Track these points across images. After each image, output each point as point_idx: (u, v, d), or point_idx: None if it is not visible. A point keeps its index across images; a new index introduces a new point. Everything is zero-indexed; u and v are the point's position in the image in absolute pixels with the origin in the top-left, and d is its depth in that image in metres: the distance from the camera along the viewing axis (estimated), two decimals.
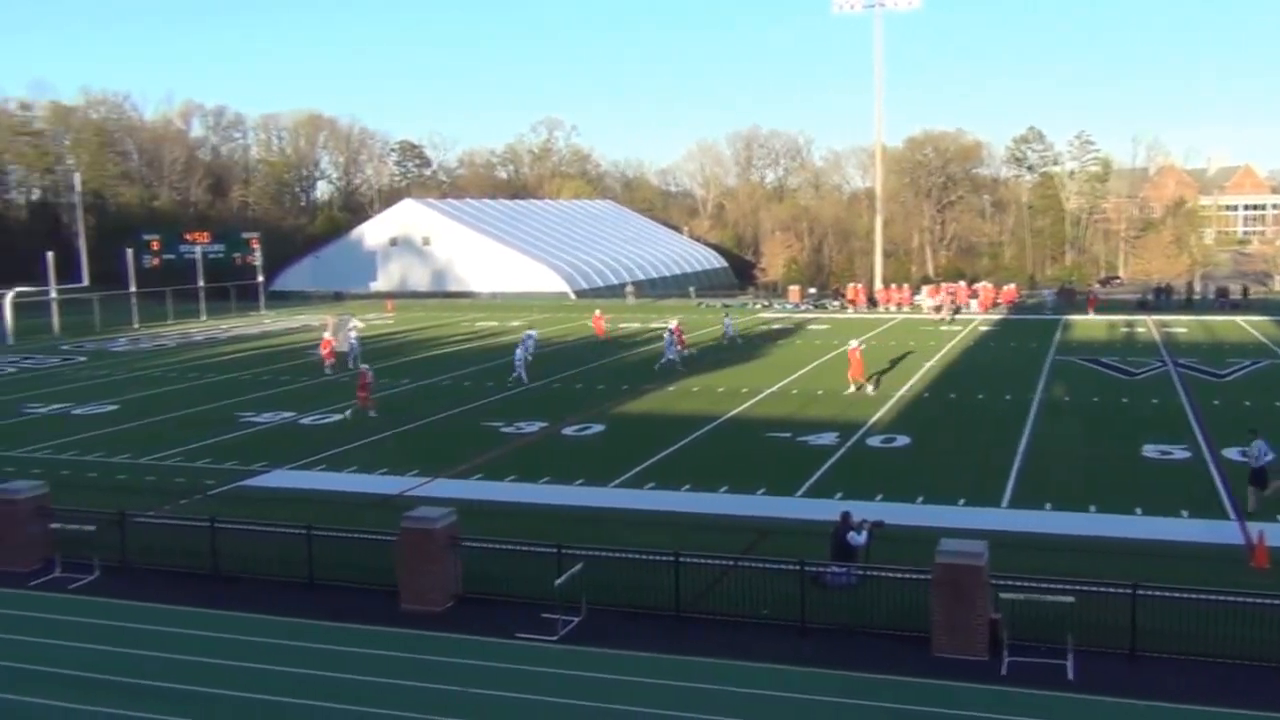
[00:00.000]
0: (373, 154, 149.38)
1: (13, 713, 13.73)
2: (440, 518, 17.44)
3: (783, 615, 15.98)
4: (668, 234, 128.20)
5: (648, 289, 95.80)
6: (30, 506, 19.72)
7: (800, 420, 32.11)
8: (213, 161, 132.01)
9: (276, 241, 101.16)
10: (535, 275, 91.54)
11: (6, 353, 54.85)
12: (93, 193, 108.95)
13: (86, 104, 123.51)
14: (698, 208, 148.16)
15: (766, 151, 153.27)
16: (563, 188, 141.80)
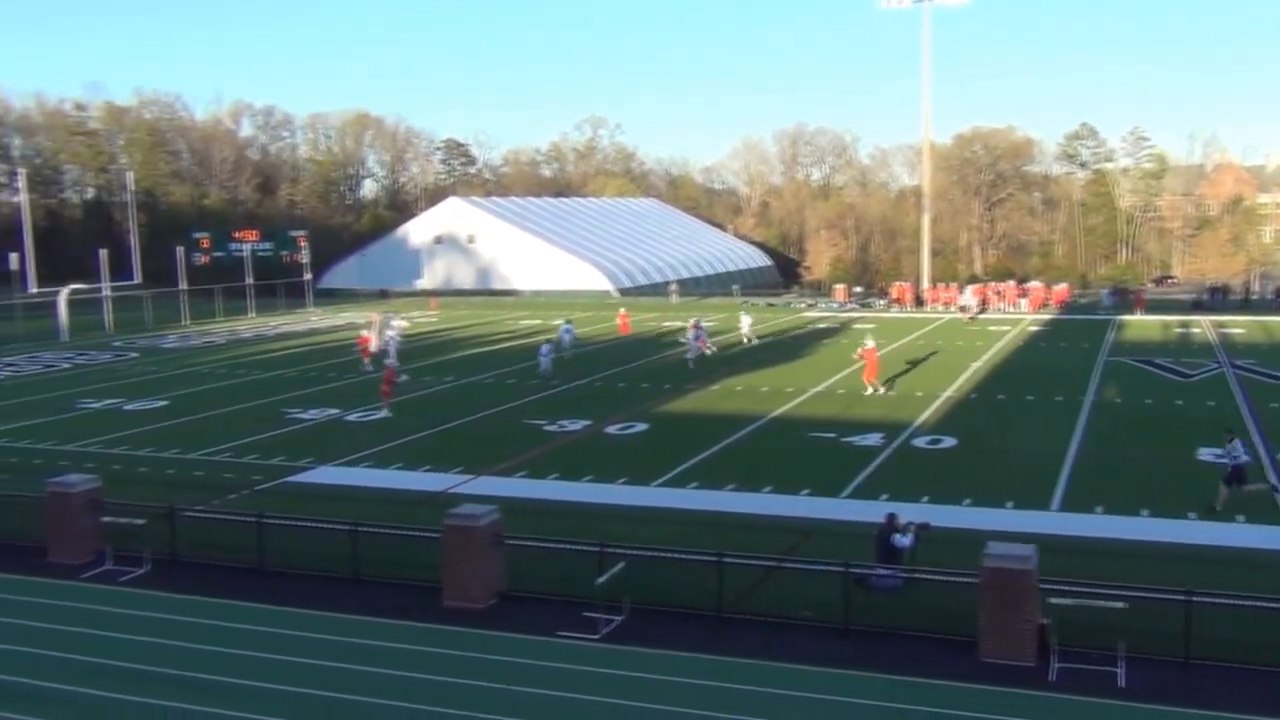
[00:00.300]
0: (418, 152, 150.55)
1: (62, 702, 13.96)
2: (483, 515, 17.51)
3: (826, 617, 15.89)
4: (712, 232, 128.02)
5: (691, 287, 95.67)
6: (83, 499, 20.06)
7: (845, 420, 31.92)
8: (261, 160, 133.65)
9: (323, 239, 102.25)
10: (579, 273, 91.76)
11: (61, 349, 55.84)
12: (145, 191, 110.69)
13: (139, 104, 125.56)
14: (742, 206, 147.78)
15: (812, 149, 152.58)
16: (607, 186, 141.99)
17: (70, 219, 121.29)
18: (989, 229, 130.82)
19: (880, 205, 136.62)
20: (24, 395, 40.05)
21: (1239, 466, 21.56)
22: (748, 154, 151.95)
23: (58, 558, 19.77)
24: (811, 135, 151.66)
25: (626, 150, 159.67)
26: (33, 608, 17.47)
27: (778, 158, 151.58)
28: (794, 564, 17.07)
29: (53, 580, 18.82)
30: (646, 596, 16.51)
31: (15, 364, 49.65)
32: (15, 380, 44.50)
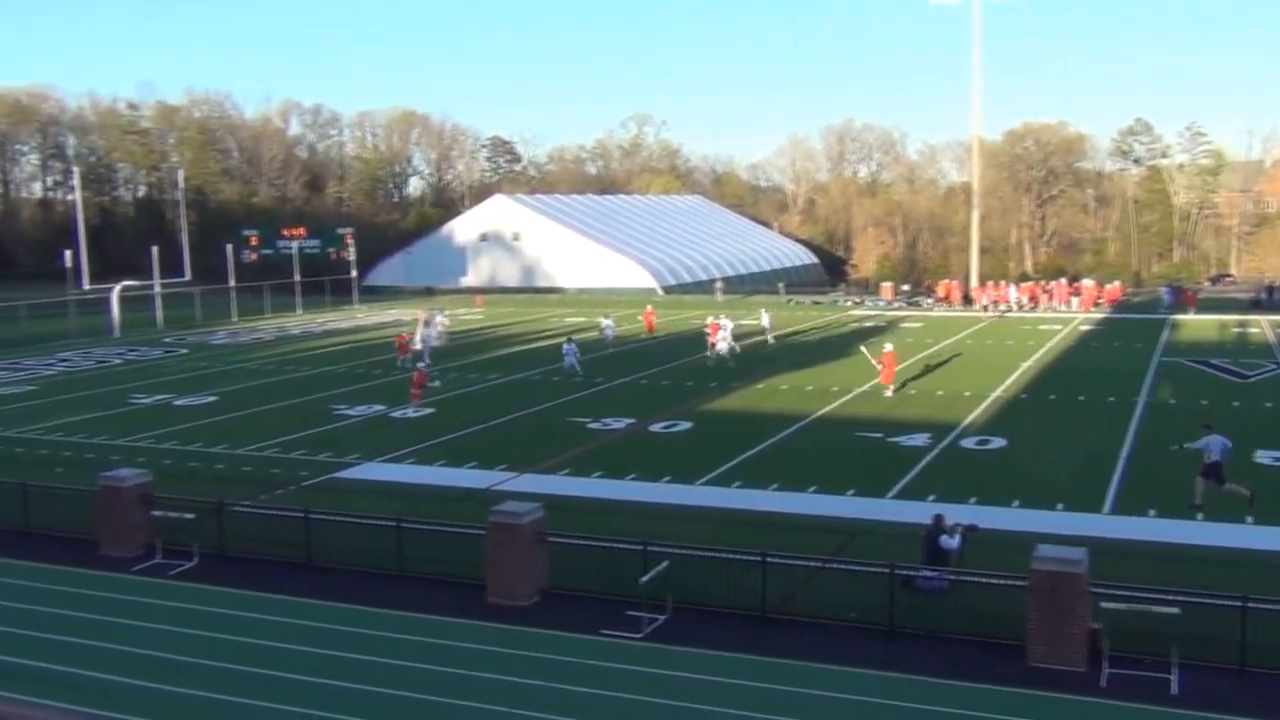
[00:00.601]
0: (464, 150, 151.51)
1: (112, 693, 14.19)
2: (527, 513, 17.58)
3: (871, 619, 15.80)
4: (757, 230, 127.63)
5: (736, 285, 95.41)
6: (134, 494, 20.38)
7: (891, 420, 31.70)
8: (309, 159, 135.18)
9: (370, 237, 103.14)
10: (623, 271, 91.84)
11: (113, 345, 56.77)
12: (195, 189, 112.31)
13: (190, 103, 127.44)
14: (788, 203, 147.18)
15: (860, 146, 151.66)
16: (652, 183, 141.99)
17: (122, 216, 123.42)
18: (1040, 226, 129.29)
19: (928, 202, 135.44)
20: (78, 390, 40.77)
21: (1211, 464, 21.59)
22: (794, 151, 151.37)
23: (109, 551, 20.11)
24: (859, 132, 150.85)
25: (671, 147, 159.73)
26: (84, 599, 17.79)
27: (824, 154, 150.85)
28: (839, 565, 16.98)
29: (104, 573, 19.14)
30: (690, 596, 16.49)
31: (69, 359, 50.55)
32: (69, 375, 45.31)
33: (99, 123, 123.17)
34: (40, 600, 17.76)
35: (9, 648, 15.71)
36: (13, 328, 57.73)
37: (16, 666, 15.08)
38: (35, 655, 15.44)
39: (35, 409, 36.54)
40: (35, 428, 32.96)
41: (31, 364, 48.84)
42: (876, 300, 77.73)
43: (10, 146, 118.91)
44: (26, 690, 14.02)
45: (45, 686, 14.31)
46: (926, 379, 39.47)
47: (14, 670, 14.95)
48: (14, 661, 15.25)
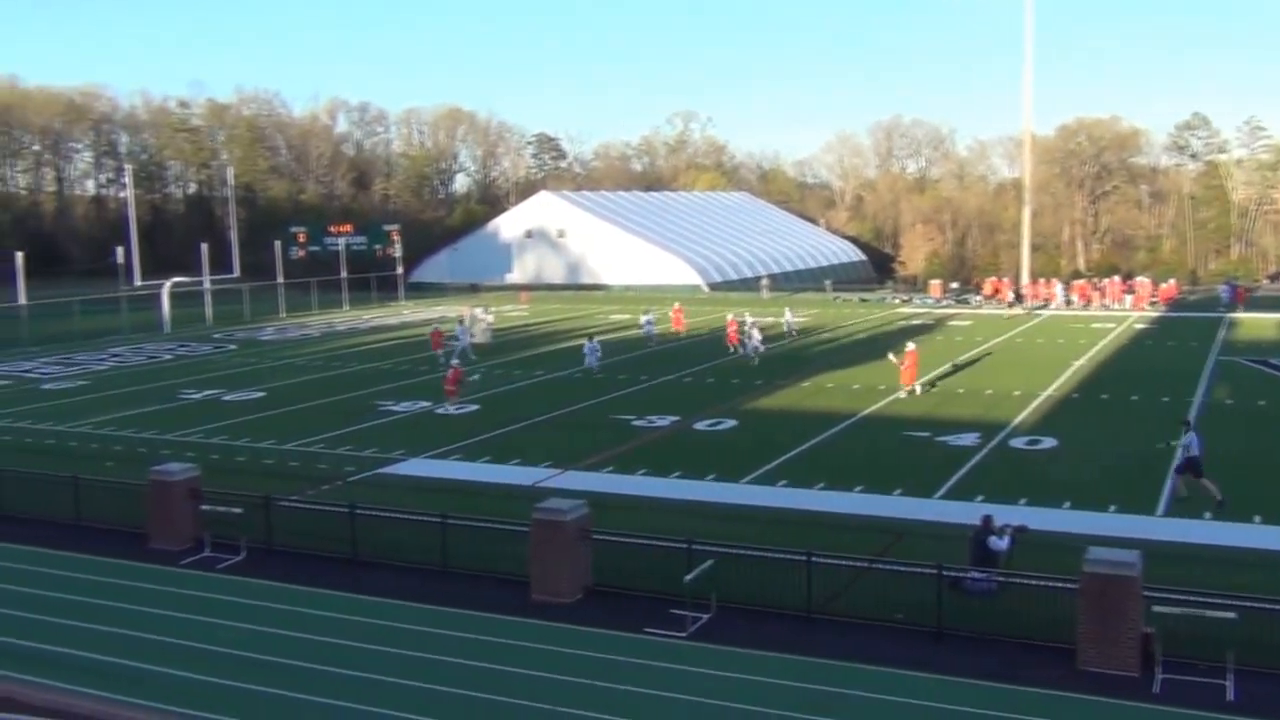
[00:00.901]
0: (510, 147, 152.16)
1: (160, 685, 14.38)
2: (571, 510, 17.62)
3: (918, 621, 15.67)
4: (804, 226, 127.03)
5: (782, 282, 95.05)
6: (184, 488, 20.66)
7: (940, 419, 31.43)
8: (356, 156, 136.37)
9: (416, 233, 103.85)
10: (668, 268, 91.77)
11: (164, 340, 57.63)
12: (244, 186, 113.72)
13: (239, 101, 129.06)
14: (835, 199, 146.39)
15: (908, 141, 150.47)
16: (697, 180, 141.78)
17: (173, 214, 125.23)
18: (1093, 223, 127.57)
19: (978, 199, 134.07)
20: (129, 385, 41.42)
21: (1190, 460, 22.10)
22: (841, 147, 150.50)
23: (158, 544, 20.40)
24: (907, 127, 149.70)
25: (717, 144, 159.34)
26: (134, 592, 18.06)
27: (872, 150, 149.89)
28: (885, 565, 16.85)
29: (153, 565, 19.42)
30: (734, 595, 16.46)
31: (121, 355, 51.37)
32: (121, 371, 46.05)
33: (150, 121, 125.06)
34: (91, 592, 18.06)
35: (61, 639, 15.99)
36: (66, 323, 58.74)
37: (68, 657, 15.34)
38: (87, 647, 15.70)
39: (87, 403, 37.17)
40: (87, 422, 33.52)
41: (84, 359, 49.70)
42: (925, 298, 77.13)
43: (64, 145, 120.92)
44: (79, 681, 14.26)
45: (96, 678, 14.54)
46: (974, 378, 39.08)
47: (66, 661, 15.21)
48: (66, 652, 15.51)
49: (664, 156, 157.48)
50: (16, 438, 31.54)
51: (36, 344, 54.28)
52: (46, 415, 34.93)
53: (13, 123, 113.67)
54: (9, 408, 36.43)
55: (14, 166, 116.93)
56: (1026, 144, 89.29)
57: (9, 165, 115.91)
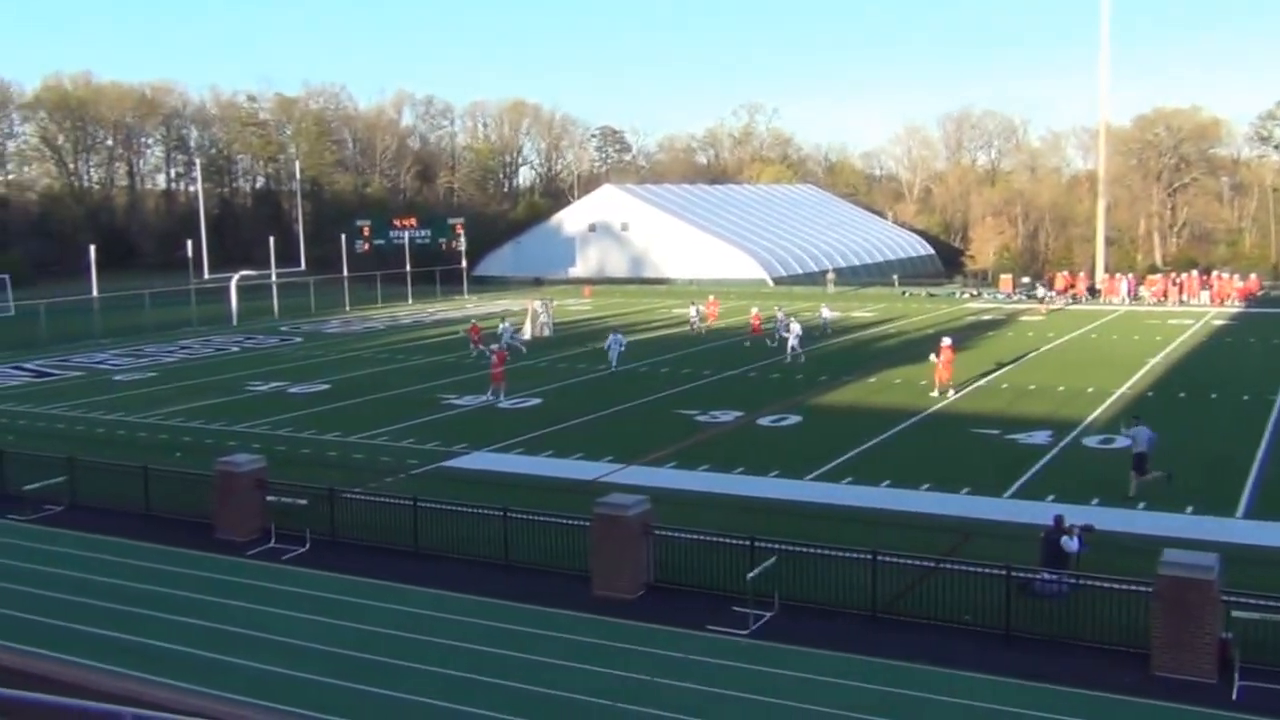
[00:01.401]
0: (574, 140, 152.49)
1: (226, 674, 14.65)
2: (633, 505, 17.63)
3: (986, 622, 15.47)
4: (871, 219, 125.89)
5: (849, 276, 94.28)
6: (250, 479, 21.03)
7: (1010, 417, 30.99)
8: (421, 149, 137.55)
9: (479, 227, 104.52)
10: (732, 262, 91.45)
11: (231, 333, 58.67)
12: (310, 180, 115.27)
13: (306, 95, 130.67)
14: (903, 192, 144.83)
15: (979, 133, 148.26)
16: (763, 172, 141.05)
17: (241, 207, 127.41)
18: (1170, 216, 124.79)
19: (1051, 191, 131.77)
20: (197, 377, 42.23)
21: (1139, 455, 22.48)
22: (910, 138, 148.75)
23: (224, 534, 20.78)
24: (978, 118, 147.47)
25: (783, 136, 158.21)
26: (201, 581, 18.41)
27: (942, 142, 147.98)
28: (953, 565, 16.64)
29: (219, 556, 19.80)
30: (798, 593, 16.38)
31: (189, 347, 52.40)
32: (189, 363, 46.96)
33: (220, 115, 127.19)
34: (159, 581, 18.45)
35: (130, 627, 16.36)
36: (137, 316, 60.00)
37: (137, 645, 15.69)
38: (155, 635, 16.04)
39: (157, 395, 37.97)
40: (157, 413, 34.24)
41: (154, 351, 50.76)
42: (995, 293, 76.08)
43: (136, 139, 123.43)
44: (148, 669, 14.57)
45: (163, 666, 14.85)
46: (1046, 375, 38.45)
47: (135, 649, 15.55)
48: (135, 640, 15.86)
49: (729, 149, 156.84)
50: (89, 428, 32.32)
51: (108, 336, 55.54)
52: (117, 406, 35.74)
53: (86, 118, 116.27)
54: (81, 399, 37.34)
55: (88, 161, 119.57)
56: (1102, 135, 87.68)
57: (83, 160, 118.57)
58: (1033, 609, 15.58)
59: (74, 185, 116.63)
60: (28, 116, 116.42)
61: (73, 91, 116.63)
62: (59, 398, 37.56)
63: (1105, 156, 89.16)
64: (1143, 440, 22.61)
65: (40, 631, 16.14)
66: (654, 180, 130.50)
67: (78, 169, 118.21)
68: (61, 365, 46.11)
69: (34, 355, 49.14)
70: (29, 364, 46.44)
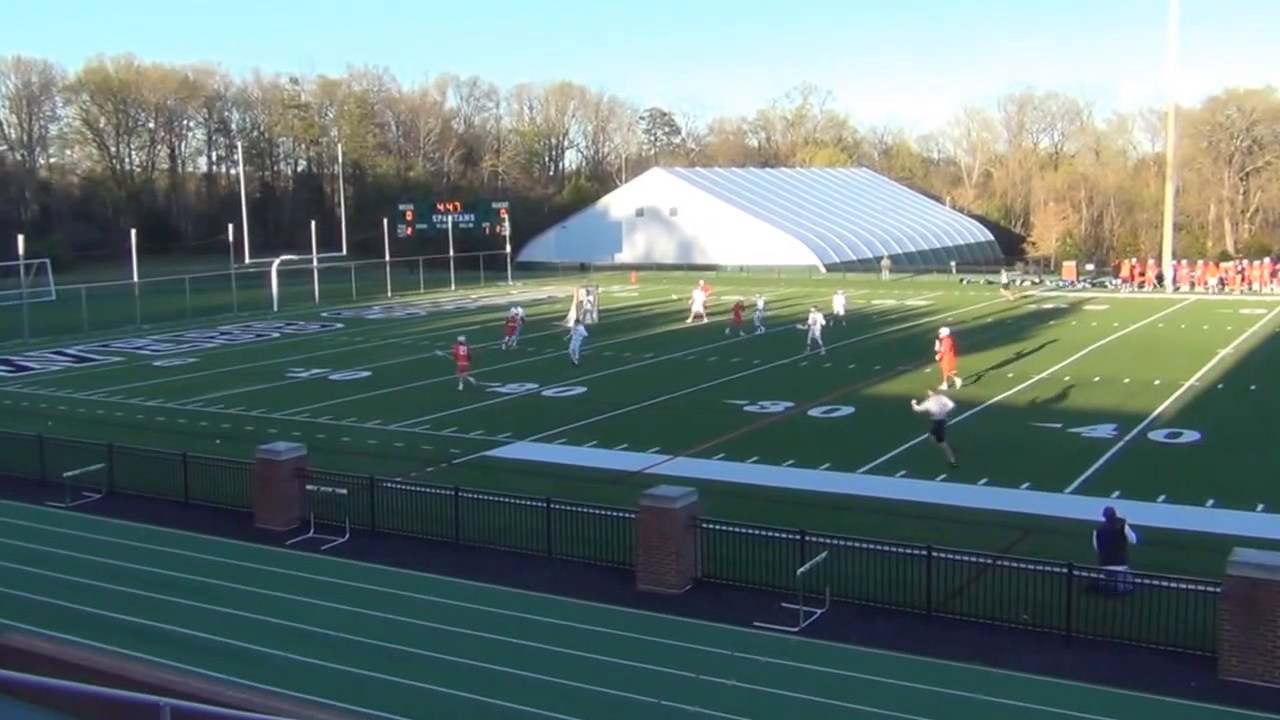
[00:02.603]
0: (621, 123, 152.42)
1: (263, 664, 14.81)
2: (680, 497, 17.58)
3: (1046, 622, 15.27)
4: (928, 204, 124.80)
5: (904, 263, 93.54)
6: (290, 467, 21.22)
7: (1072, 409, 30.60)
8: (465, 132, 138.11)
9: (524, 211, 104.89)
10: (784, 248, 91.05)
11: (272, 319, 59.31)
12: (353, 163, 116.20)
13: (350, 77, 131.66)
14: (962, 176, 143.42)
15: (1041, 114, 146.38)
16: (816, 155, 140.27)
17: (282, 191, 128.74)
18: (1242, 201, 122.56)
19: (1117, 175, 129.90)
20: (238, 363, 42.73)
21: (939, 423, 24.72)
22: (969, 120, 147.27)
23: (264, 523, 21.00)
24: (1041, 100, 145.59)
25: (838, 118, 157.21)
26: (239, 571, 18.62)
27: (1002, 124, 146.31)
28: (1011, 562, 16.44)
29: (258, 545, 20.01)
30: (849, 589, 16.28)
31: (230, 333, 53.04)
32: (230, 349, 47.53)
33: (262, 98, 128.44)
34: (197, 570, 18.68)
35: (168, 616, 16.57)
36: (178, 301, 60.83)
37: (176, 635, 15.89)
38: (194, 625, 16.24)
39: (197, 381, 38.46)
40: (197, 399, 34.68)
41: (194, 336, 51.44)
42: (1057, 280, 75.18)
43: (178, 122, 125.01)
44: (187, 659, 14.75)
45: (203, 656, 15.02)
46: (1111, 366, 37.92)
47: (174, 639, 15.75)
48: (173, 630, 16.07)
49: (781, 132, 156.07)
50: (128, 414, 32.80)
51: (148, 321, 56.35)
52: (157, 392, 36.25)
53: (128, 100, 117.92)
54: (122, 384, 37.91)
55: (129, 144, 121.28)
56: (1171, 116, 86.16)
57: (124, 143, 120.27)
58: (1095, 609, 15.34)
59: (115, 168, 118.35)
60: (70, 99, 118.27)
61: (115, 74, 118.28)
62: (99, 383, 38.16)
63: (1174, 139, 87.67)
64: (940, 410, 25.18)
65: (77, 619, 16.40)
66: (704, 164, 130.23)
67: (119, 152, 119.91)
68: (102, 350, 46.86)
69: (75, 340, 49.99)
70: (70, 349, 47.24)
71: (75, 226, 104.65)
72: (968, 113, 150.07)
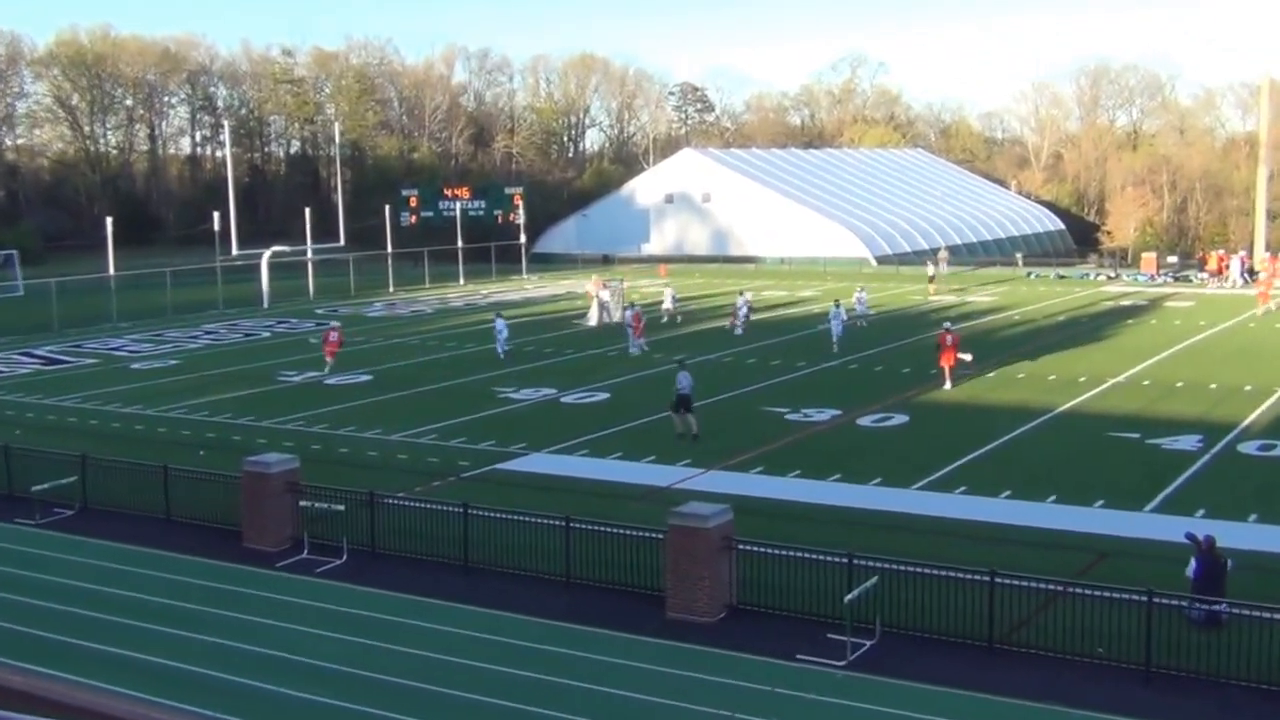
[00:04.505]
0: (649, 99, 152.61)
1: (254, 699, 14.90)
2: (714, 515, 17.58)
3: (1123, 656, 15.19)
4: (991, 190, 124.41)
5: (964, 255, 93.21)
6: (281, 481, 21.33)
7: (1152, 418, 30.44)
8: (476, 109, 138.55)
9: (541, 197, 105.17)
10: (830, 238, 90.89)
11: (262, 316, 59.69)
12: (351, 144, 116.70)
13: (348, 49, 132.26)
14: (1029, 158, 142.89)
15: (1118, 89, 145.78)
16: (865, 135, 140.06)
17: (273, 174, 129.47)
18: None
19: (1203, 157, 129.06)
20: (224, 365, 43.02)
21: (682, 396, 28.61)
22: (1038, 96, 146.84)
23: (253, 543, 21.12)
24: (1118, 73, 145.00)
25: (890, 93, 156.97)
26: (225, 596, 18.73)
27: (1075, 100, 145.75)
28: (1084, 589, 16.37)
29: (247, 567, 20.13)
30: (902, 619, 16.23)
31: (215, 332, 53.40)
32: (215, 349, 47.87)
33: (251, 72, 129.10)
34: (179, 595, 18.80)
35: (147, 646, 16.69)
36: (157, 296, 61.21)
37: (156, 666, 16.00)
38: (175, 656, 16.35)
39: (179, 385, 38.75)
40: (179, 406, 34.93)
41: (176, 336, 51.81)
42: (1136, 274, 74.75)
43: (158, 99, 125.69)
44: (166, 693, 14.86)
45: (184, 690, 15.13)
46: (1195, 370, 37.67)
47: (153, 670, 15.87)
48: (152, 661, 16.18)
49: (827, 109, 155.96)
50: (103, 422, 33.08)
51: (126, 319, 56.80)
52: (135, 398, 36.54)
53: (104, 75, 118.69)
54: (96, 388, 38.22)
55: (105, 123, 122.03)
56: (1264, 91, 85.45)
57: (99, 121, 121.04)
58: (1177, 641, 15.24)
59: (90, 150, 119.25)
60: (40, 74, 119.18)
61: (89, 46, 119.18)
62: (71, 388, 38.50)
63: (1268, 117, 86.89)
64: (684, 384, 28.69)
65: (48, 649, 16.54)
66: (741, 144, 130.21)
67: (94, 132, 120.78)
68: (74, 351, 47.28)
69: (44, 340, 50.46)
70: (39, 350, 47.69)
71: (45, 214, 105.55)
72: (1036, 87, 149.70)
